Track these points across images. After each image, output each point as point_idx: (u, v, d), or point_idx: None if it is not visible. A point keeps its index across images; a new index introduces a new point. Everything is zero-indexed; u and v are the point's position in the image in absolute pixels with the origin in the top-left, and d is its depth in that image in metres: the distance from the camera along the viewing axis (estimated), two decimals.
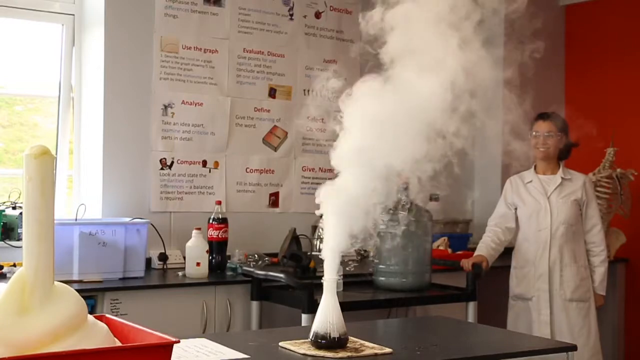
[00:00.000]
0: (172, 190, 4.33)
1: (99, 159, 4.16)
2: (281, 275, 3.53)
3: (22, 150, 2.99)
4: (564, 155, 4.13)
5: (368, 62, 2.31)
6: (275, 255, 4.20)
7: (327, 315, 2.21)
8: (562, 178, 4.04)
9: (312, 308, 3.15)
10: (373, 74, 2.25)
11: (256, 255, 4.14)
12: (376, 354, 2.17)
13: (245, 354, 2.11)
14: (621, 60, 5.32)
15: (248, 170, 4.59)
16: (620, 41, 5.33)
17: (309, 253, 4.22)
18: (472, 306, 3.79)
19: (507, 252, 4.16)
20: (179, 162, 4.35)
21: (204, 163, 4.43)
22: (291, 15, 4.74)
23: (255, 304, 3.72)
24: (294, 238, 4.22)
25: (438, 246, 4.56)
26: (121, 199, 4.17)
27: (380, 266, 3.78)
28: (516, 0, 2.38)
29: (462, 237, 4.96)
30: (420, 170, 2.27)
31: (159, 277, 3.91)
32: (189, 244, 3.86)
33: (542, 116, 4.05)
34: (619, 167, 4.92)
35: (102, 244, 3.67)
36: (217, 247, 4.02)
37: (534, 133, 4.05)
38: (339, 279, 3.50)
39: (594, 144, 4.94)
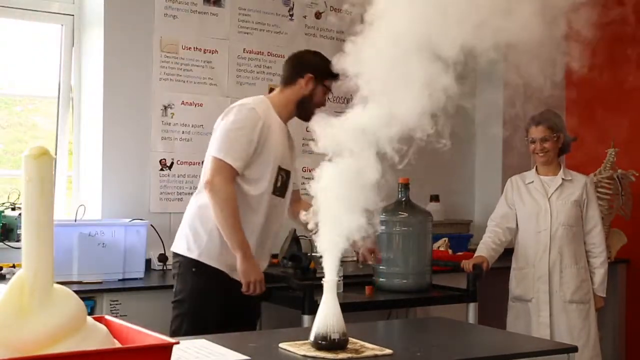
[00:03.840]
0: (172, 191, 4.32)
1: (98, 159, 4.15)
2: (281, 276, 3.52)
3: (21, 151, 2.99)
4: (564, 151, 4.12)
5: None
6: (275, 256, 4.19)
7: (327, 316, 2.20)
8: (562, 179, 4.03)
9: (312, 309, 3.15)
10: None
11: None
12: (376, 355, 2.17)
13: (245, 355, 2.10)
14: (622, 60, 5.31)
15: None
16: (621, 41, 5.32)
17: (309, 254, 4.21)
18: (472, 307, 3.78)
19: (508, 253, 4.15)
20: (178, 162, 4.34)
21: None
22: (291, 15, 4.73)
23: None
24: (294, 239, 4.22)
25: (438, 247, 4.55)
26: (121, 199, 4.16)
27: (381, 267, 3.77)
28: None
29: (462, 238, 4.95)
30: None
31: (159, 278, 3.90)
32: None
33: (535, 121, 4.01)
34: (620, 168, 4.92)
35: (102, 245, 3.67)
36: None
37: (530, 139, 4.04)
38: (339, 280, 3.49)
39: (595, 145, 4.94)
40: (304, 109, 3.29)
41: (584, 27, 2.57)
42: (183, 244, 3.23)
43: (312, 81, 3.28)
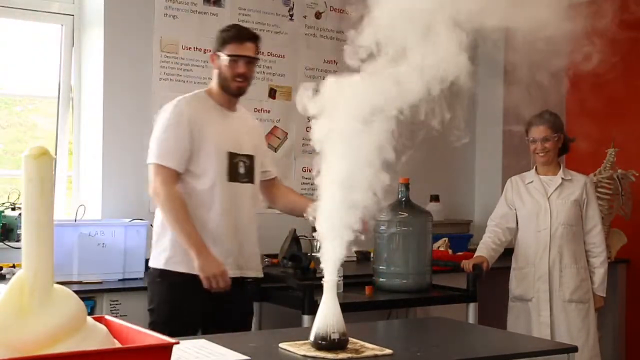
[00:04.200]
0: None
1: (98, 159, 4.15)
2: (281, 276, 3.52)
3: (21, 151, 3.00)
4: (563, 152, 4.13)
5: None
6: (275, 256, 4.19)
7: (328, 316, 2.20)
8: (562, 179, 4.03)
9: (312, 309, 3.14)
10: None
11: None
12: (376, 355, 2.17)
13: (246, 355, 2.10)
14: (624, 59, 5.31)
15: None
16: (626, 40, 5.32)
17: (309, 254, 4.21)
18: (472, 307, 3.79)
19: (508, 253, 4.15)
20: None
21: None
22: (291, 15, 4.73)
23: (255, 305, 3.71)
24: (294, 239, 4.22)
25: (438, 247, 4.55)
26: (121, 199, 4.16)
27: (381, 267, 3.77)
28: None
29: (462, 238, 4.95)
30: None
31: None
32: None
33: (536, 121, 4.02)
34: (620, 167, 4.92)
35: (102, 245, 3.67)
36: None
37: (531, 139, 4.04)
38: (339, 280, 3.49)
39: (595, 145, 4.93)
40: (224, 86, 3.23)
41: (588, 24, 2.56)
42: (151, 255, 3.22)
43: (215, 57, 3.24)
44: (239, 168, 3.20)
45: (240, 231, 3.21)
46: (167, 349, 1.57)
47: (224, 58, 3.19)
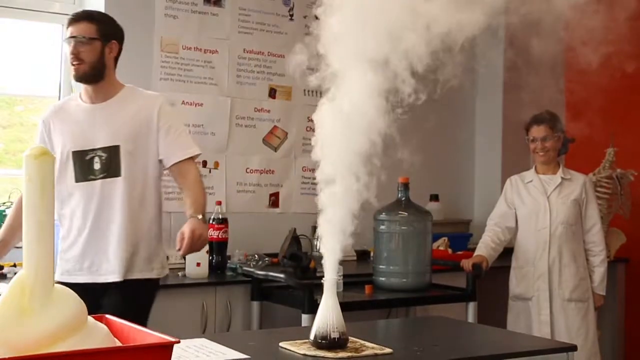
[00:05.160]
0: (172, 191, 4.31)
1: None
2: (281, 275, 3.53)
3: (22, 151, 3.00)
4: (562, 151, 4.15)
5: None
6: (275, 255, 4.20)
7: (327, 315, 2.21)
8: (562, 178, 4.04)
9: (312, 308, 3.16)
10: None
11: (256, 256, 4.14)
12: (376, 354, 2.17)
13: (246, 354, 2.10)
14: (625, 58, 5.31)
15: (248, 170, 4.59)
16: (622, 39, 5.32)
17: (309, 253, 4.22)
18: (472, 306, 3.80)
19: (507, 253, 4.16)
20: None
21: (204, 163, 4.42)
22: (291, 15, 4.74)
23: (255, 304, 3.72)
24: (294, 238, 4.23)
25: (438, 246, 4.56)
26: None
27: (381, 266, 3.78)
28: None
29: (462, 237, 4.96)
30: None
31: None
32: None
33: (537, 120, 4.03)
34: (619, 167, 4.92)
35: None
36: (217, 248, 4.02)
37: (531, 138, 4.05)
38: (339, 279, 3.50)
39: (594, 144, 4.93)
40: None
41: (590, 22, 2.56)
42: None
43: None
44: (94, 164, 2.93)
45: (98, 233, 2.94)
46: (168, 348, 1.58)
47: (65, 44, 3.00)
